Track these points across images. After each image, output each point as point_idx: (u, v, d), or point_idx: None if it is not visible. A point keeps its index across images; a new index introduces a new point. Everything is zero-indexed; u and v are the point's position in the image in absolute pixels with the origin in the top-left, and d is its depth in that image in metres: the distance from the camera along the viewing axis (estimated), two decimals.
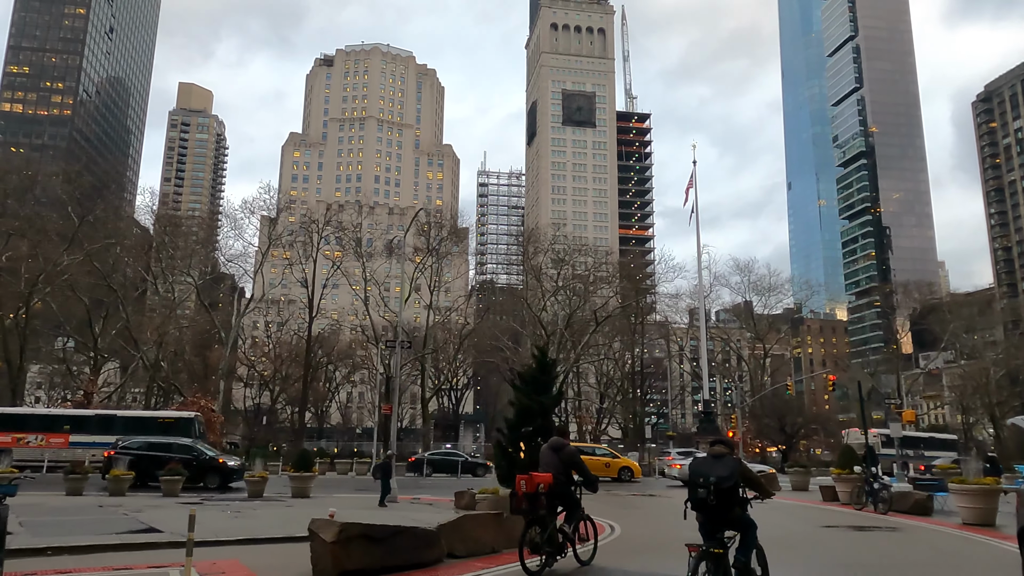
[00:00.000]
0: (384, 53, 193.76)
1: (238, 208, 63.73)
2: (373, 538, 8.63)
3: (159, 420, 37.99)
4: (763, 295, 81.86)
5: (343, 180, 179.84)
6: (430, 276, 60.76)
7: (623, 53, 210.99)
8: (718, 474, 7.47)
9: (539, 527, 9.62)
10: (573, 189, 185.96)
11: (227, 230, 59.93)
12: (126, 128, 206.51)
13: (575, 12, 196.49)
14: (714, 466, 7.61)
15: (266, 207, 54.39)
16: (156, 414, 40.56)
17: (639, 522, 17.08)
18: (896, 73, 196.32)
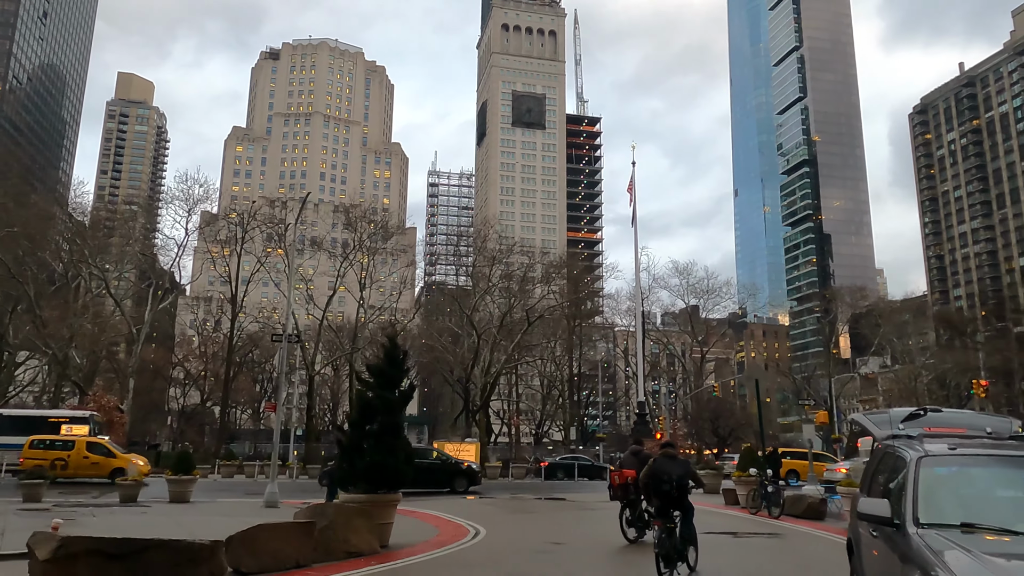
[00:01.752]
0: (332, 48, 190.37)
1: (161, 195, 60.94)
2: (110, 555, 7.21)
3: (50, 420, 35.57)
4: (701, 298, 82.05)
5: (287, 176, 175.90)
6: (360, 273, 58.96)
7: (575, 57, 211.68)
8: (678, 473, 10.20)
9: (630, 509, 12.97)
10: (522, 191, 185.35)
11: (161, 218, 57.09)
12: (61, 119, 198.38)
13: (526, 13, 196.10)
14: (672, 466, 10.22)
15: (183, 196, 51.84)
16: (47, 413, 38.05)
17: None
18: (838, 84, 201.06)
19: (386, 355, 12.55)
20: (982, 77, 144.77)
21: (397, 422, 12.23)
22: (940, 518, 4.84)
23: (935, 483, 5.20)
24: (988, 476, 5.41)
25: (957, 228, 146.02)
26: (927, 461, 5.40)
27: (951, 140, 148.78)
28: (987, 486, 5.31)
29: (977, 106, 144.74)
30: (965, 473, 5.46)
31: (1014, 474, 5.37)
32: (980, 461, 5.56)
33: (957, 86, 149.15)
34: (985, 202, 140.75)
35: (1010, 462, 5.53)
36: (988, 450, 5.75)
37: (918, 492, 5.08)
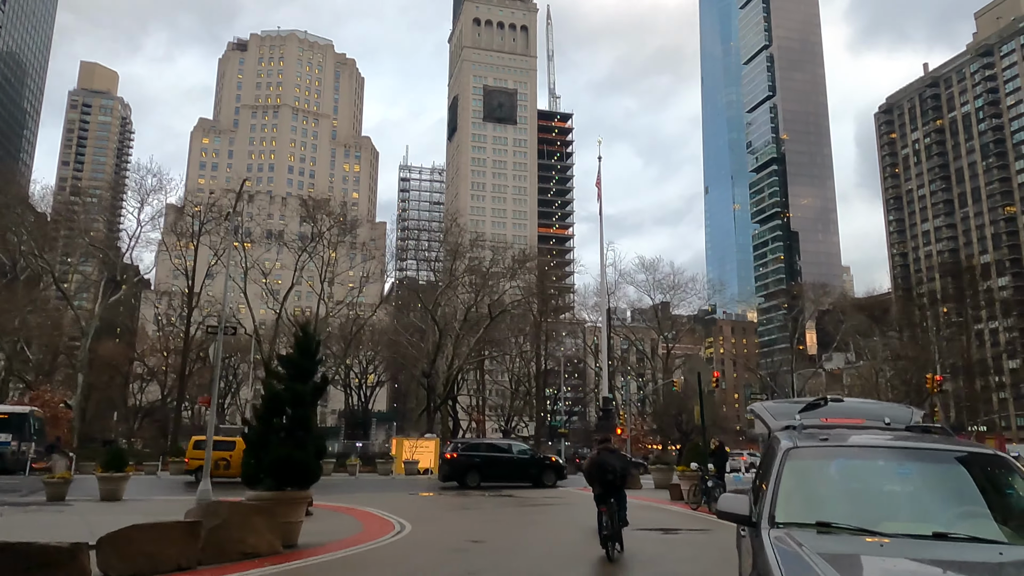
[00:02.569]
0: (301, 40, 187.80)
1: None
2: None
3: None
4: (667, 293, 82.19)
5: (254, 169, 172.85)
6: (321, 266, 57.98)
7: (548, 53, 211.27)
8: (620, 465, 11.77)
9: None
10: (492, 186, 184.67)
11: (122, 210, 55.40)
12: (21, 108, 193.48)
13: (498, 8, 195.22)
14: (614, 459, 11.81)
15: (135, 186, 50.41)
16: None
17: None
18: (807, 84, 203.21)
19: (298, 345, 11.95)
20: (945, 78, 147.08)
21: (307, 415, 11.63)
22: (798, 517, 4.32)
23: (800, 477, 4.69)
24: (860, 469, 4.85)
25: (920, 226, 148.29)
26: (796, 453, 4.86)
27: (915, 140, 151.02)
28: (858, 480, 4.77)
29: (941, 106, 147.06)
30: (835, 466, 4.92)
31: (888, 467, 4.81)
32: (855, 453, 5.01)
33: (921, 86, 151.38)
34: (948, 201, 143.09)
35: (887, 454, 4.96)
36: (866, 441, 5.23)
37: (779, 487, 4.56)
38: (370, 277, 63.11)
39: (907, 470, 4.63)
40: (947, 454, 4.64)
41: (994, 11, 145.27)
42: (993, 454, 4.72)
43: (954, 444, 4.94)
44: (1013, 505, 4.32)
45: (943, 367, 78.18)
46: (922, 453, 4.72)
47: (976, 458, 4.67)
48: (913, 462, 4.67)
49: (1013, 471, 4.39)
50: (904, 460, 4.73)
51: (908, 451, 4.83)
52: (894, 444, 5.03)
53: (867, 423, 6.35)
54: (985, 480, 4.49)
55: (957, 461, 4.61)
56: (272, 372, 12.10)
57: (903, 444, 4.99)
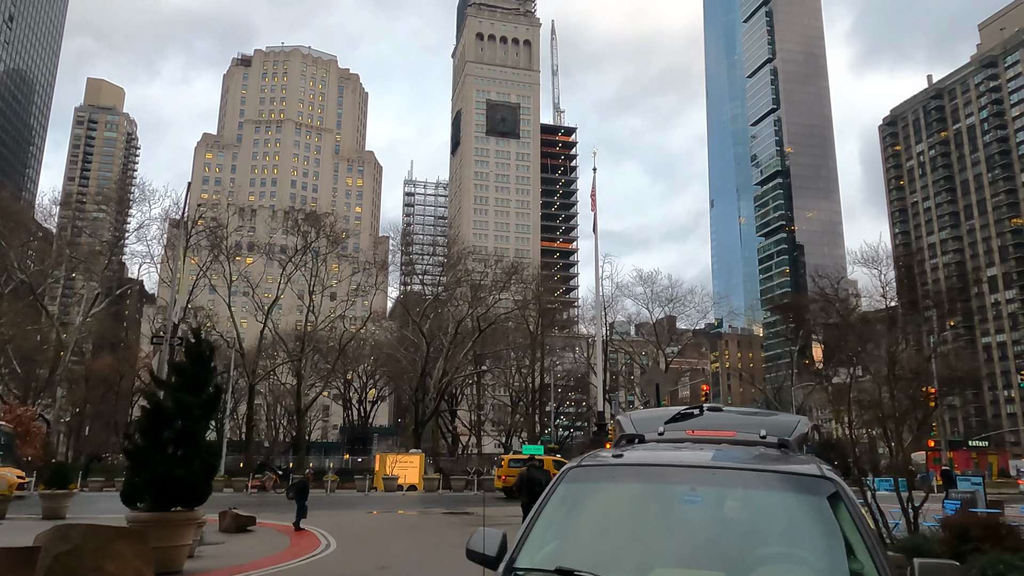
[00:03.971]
0: (305, 55, 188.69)
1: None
2: None
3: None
4: (665, 307, 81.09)
5: (257, 184, 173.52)
6: (310, 279, 57.26)
7: (552, 68, 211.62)
8: (545, 479, 12.92)
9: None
10: (496, 200, 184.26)
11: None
12: (28, 125, 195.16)
13: (501, 23, 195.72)
14: (540, 474, 14.21)
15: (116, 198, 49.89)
16: None
17: None
18: (811, 96, 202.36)
19: (189, 353, 11.02)
20: (950, 90, 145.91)
21: (195, 429, 10.69)
22: (541, 561, 3.30)
23: (567, 507, 3.66)
24: (643, 497, 3.74)
25: (926, 239, 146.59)
26: (575, 474, 3.82)
27: (920, 152, 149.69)
28: (635, 511, 3.69)
29: (945, 118, 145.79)
30: (613, 493, 3.81)
31: (677, 494, 3.65)
32: (641, 475, 3.84)
33: (925, 98, 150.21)
34: (953, 213, 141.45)
35: (681, 476, 3.76)
36: (661, 458, 4.07)
37: (537, 520, 3.52)
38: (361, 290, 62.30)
39: (699, 498, 3.55)
40: (761, 477, 3.56)
41: (998, 22, 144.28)
42: (821, 477, 3.53)
43: (777, 463, 3.86)
44: (829, 546, 3.25)
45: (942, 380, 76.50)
46: (729, 476, 3.64)
47: (797, 482, 3.54)
48: (711, 488, 3.59)
49: (840, 501, 3.32)
50: (701, 484, 3.61)
51: (709, 473, 3.72)
52: (695, 463, 3.90)
53: (738, 436, 5.35)
54: (802, 512, 3.43)
55: (772, 486, 3.53)
56: (161, 382, 11.16)
57: (704, 464, 3.87)
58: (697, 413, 6.09)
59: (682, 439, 5.44)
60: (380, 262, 61.82)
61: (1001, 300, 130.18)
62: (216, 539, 15.93)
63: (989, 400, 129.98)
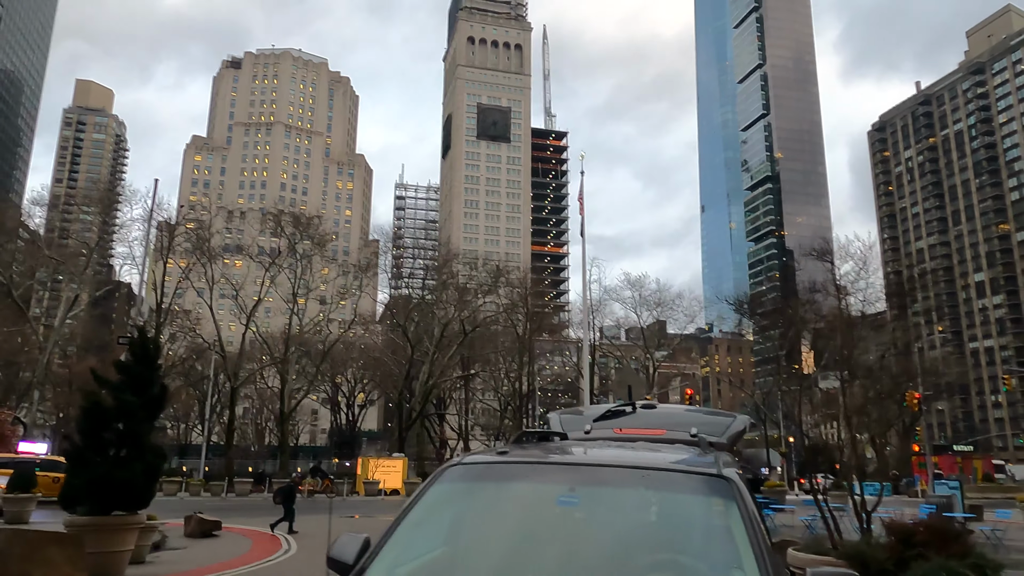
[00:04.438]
0: (295, 58, 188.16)
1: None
2: None
3: None
4: (653, 311, 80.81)
5: (247, 186, 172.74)
6: (294, 281, 56.78)
7: (544, 72, 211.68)
8: None
9: None
10: (486, 204, 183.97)
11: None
12: (15, 126, 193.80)
13: (492, 27, 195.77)
14: None
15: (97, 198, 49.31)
16: None
17: None
18: (801, 101, 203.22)
19: (133, 351, 10.65)
20: (938, 96, 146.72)
21: (137, 430, 10.30)
22: (392, 571, 2.91)
23: (433, 510, 3.26)
24: (515, 498, 3.33)
25: (915, 244, 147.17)
26: (451, 473, 3.40)
27: (908, 157, 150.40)
28: (504, 515, 3.28)
29: (933, 124, 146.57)
30: (485, 493, 3.37)
31: (552, 495, 3.25)
32: (517, 473, 3.41)
33: (914, 104, 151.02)
34: (942, 219, 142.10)
35: (561, 475, 3.37)
36: (542, 456, 3.64)
37: (397, 525, 3.11)
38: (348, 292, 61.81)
39: (576, 499, 3.17)
40: (652, 476, 3.18)
41: (985, 29, 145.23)
42: (716, 476, 3.13)
43: (675, 461, 3.51)
44: (711, 551, 2.91)
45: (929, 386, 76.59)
46: (615, 475, 3.27)
47: (689, 481, 3.19)
48: (593, 488, 3.21)
49: (733, 501, 2.93)
50: (583, 484, 3.23)
51: (594, 471, 3.36)
52: (582, 461, 3.55)
53: (668, 434, 5.04)
54: (689, 514, 3.08)
55: (661, 485, 3.16)
56: (102, 380, 10.78)
57: (591, 462, 3.53)
58: (629, 411, 5.79)
59: (609, 438, 5.14)
60: (364, 264, 61.26)
61: (988, 305, 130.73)
62: (179, 544, 15.62)
63: (977, 405, 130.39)
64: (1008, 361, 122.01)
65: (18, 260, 55.27)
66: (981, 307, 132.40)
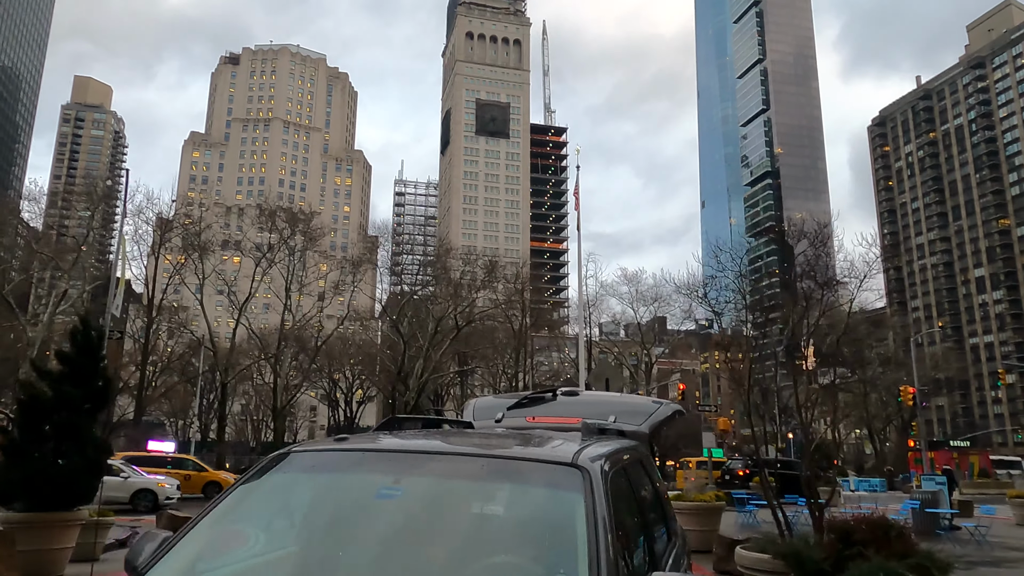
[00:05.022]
0: (293, 54, 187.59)
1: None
2: None
3: None
4: (649, 305, 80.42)
5: (245, 183, 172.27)
6: (287, 276, 56.41)
7: (543, 68, 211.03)
8: None
9: None
10: (485, 200, 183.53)
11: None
12: (13, 123, 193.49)
13: (491, 22, 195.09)
14: None
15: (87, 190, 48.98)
16: None
17: None
18: (801, 96, 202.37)
19: (74, 340, 10.27)
20: (938, 90, 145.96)
21: (77, 423, 9.92)
22: (185, 567, 2.54)
23: (247, 504, 2.87)
24: (335, 491, 2.95)
25: (915, 240, 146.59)
26: (274, 463, 2.98)
27: (908, 152, 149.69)
28: (318, 511, 2.91)
29: (934, 119, 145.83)
30: (306, 485, 2.99)
31: (372, 485, 2.87)
32: (353, 463, 2.99)
33: (914, 99, 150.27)
34: (942, 214, 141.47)
35: (391, 465, 2.96)
36: (399, 445, 3.24)
37: (199, 521, 2.72)
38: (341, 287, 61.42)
39: (399, 491, 2.77)
40: (493, 465, 2.82)
41: (986, 23, 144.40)
42: (569, 466, 2.72)
43: (529, 449, 3.09)
44: (544, 549, 2.53)
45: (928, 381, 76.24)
46: (451, 464, 2.86)
47: (535, 471, 2.79)
48: (420, 479, 2.82)
49: (582, 495, 2.53)
50: (409, 475, 2.85)
51: (425, 460, 2.95)
52: (422, 450, 3.11)
53: (584, 423, 4.65)
54: (529, 507, 2.70)
55: (501, 476, 2.78)
56: (42, 371, 10.40)
57: (431, 450, 3.10)
58: (549, 398, 5.44)
59: (519, 427, 4.78)
60: (356, 259, 60.88)
61: (989, 301, 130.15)
62: None
63: (977, 401, 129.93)
64: (1008, 357, 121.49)
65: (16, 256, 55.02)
66: (981, 302, 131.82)
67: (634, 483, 3.29)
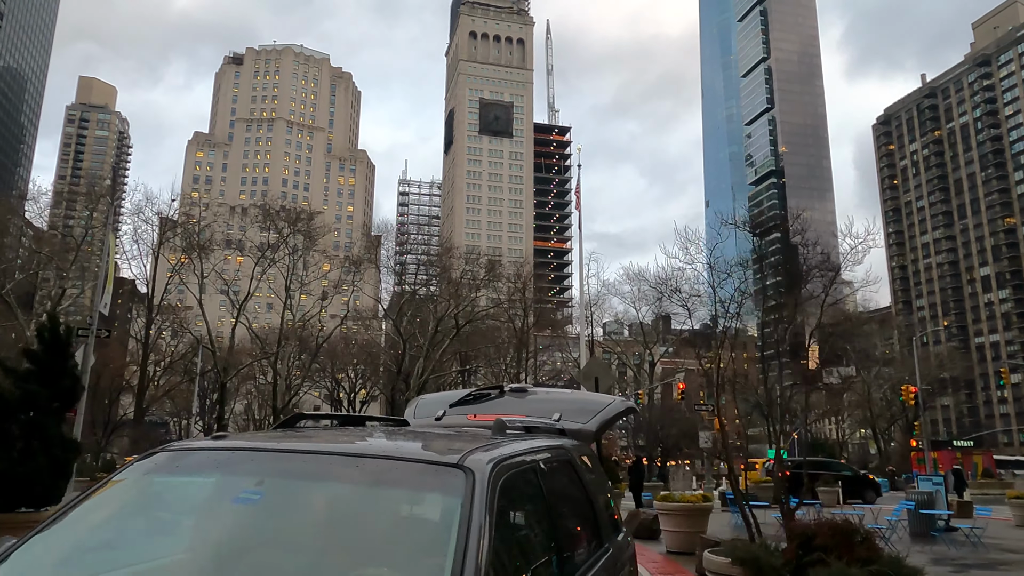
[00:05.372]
0: (297, 54, 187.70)
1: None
2: None
3: None
4: (652, 305, 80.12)
5: (248, 182, 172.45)
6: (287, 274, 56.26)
7: (547, 67, 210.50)
8: None
9: None
10: (488, 199, 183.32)
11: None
12: (19, 123, 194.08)
13: (494, 21, 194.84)
14: None
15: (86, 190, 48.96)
16: None
17: None
18: (805, 94, 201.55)
19: (41, 339, 10.08)
20: (943, 88, 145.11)
21: (43, 422, 9.73)
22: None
23: (106, 505, 2.62)
24: (198, 494, 2.75)
25: (920, 238, 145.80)
26: (156, 462, 2.75)
27: (913, 151, 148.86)
28: (178, 513, 2.73)
29: (939, 117, 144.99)
30: (172, 487, 2.78)
31: (231, 489, 2.66)
32: (218, 464, 2.75)
33: (919, 97, 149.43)
34: (947, 212, 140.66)
35: (261, 467, 2.68)
36: (281, 444, 2.89)
37: (51, 524, 2.49)
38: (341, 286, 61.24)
39: (257, 495, 2.54)
40: (368, 465, 2.54)
41: (991, 21, 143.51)
42: (453, 467, 2.46)
43: (414, 449, 2.80)
44: (403, 563, 2.31)
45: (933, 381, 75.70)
46: (318, 464, 2.62)
47: (414, 473, 2.56)
48: (285, 481, 2.58)
49: (457, 498, 2.30)
50: (274, 477, 2.60)
51: (294, 460, 2.68)
52: (284, 448, 2.81)
53: (528, 420, 4.43)
54: (395, 515, 2.49)
55: (372, 479, 2.50)
56: (7, 369, 10.21)
57: (296, 449, 2.81)
58: (495, 395, 5.22)
59: (460, 424, 4.56)
60: (356, 259, 60.71)
61: (994, 300, 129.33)
62: None
63: (983, 400, 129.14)
64: (1014, 356, 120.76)
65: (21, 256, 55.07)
66: (987, 301, 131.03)
67: (549, 487, 3.01)
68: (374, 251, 60.49)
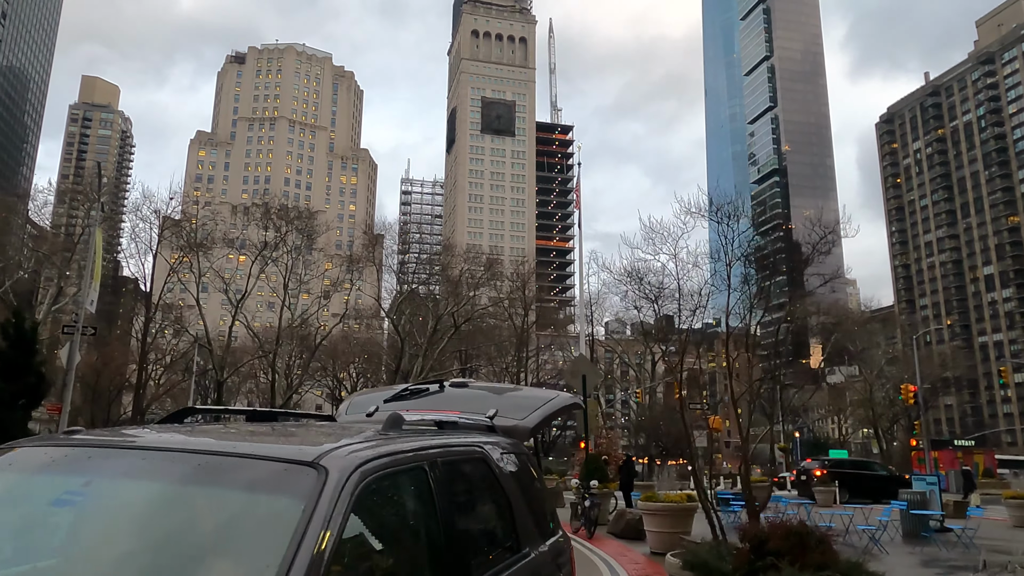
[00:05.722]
0: (299, 52, 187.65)
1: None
2: None
3: None
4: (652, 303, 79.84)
5: (251, 181, 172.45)
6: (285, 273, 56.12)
7: (550, 66, 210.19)
8: None
9: None
10: (491, 198, 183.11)
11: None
12: (22, 123, 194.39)
13: (496, 20, 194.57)
14: None
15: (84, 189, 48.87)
16: None
17: None
18: (808, 93, 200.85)
19: (6, 334, 9.90)
20: (947, 86, 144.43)
21: (6, 419, 9.54)
22: None
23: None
24: (27, 493, 2.49)
25: (923, 237, 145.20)
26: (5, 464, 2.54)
27: (917, 149, 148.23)
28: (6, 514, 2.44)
29: (942, 115, 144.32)
30: (10, 482, 2.52)
31: (55, 491, 2.45)
32: (55, 461, 2.55)
33: (922, 95, 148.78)
34: (950, 211, 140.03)
35: (94, 465, 2.45)
36: (125, 441, 2.70)
37: None
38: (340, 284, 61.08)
39: (79, 496, 2.36)
40: (207, 463, 2.32)
41: (995, 18, 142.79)
42: (306, 466, 2.24)
43: (264, 445, 2.56)
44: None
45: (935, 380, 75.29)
46: (149, 462, 2.40)
47: (253, 475, 2.28)
48: (109, 481, 2.38)
49: (301, 501, 2.09)
50: (98, 476, 2.40)
51: (123, 457, 2.48)
52: (118, 444, 2.61)
53: (463, 417, 4.21)
54: (228, 519, 2.23)
55: (207, 479, 2.28)
56: None
57: (129, 445, 2.61)
58: (435, 390, 5.03)
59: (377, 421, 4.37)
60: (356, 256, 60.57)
61: (998, 299, 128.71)
62: None
63: (986, 400, 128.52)
64: (1018, 355, 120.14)
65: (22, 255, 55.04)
66: (990, 300, 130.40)
67: (443, 490, 2.76)
68: (373, 249, 60.31)
